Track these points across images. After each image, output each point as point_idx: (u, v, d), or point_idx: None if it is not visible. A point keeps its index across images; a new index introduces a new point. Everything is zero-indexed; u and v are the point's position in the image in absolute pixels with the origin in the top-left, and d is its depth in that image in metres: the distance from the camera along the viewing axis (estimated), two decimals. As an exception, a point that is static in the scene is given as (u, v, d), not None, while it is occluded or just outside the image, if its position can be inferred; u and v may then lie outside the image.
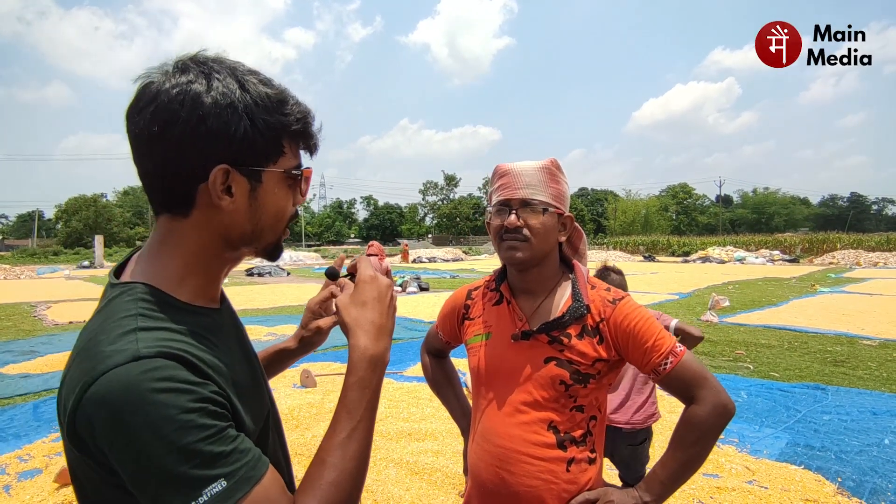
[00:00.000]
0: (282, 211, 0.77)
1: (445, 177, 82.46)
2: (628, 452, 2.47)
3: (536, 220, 1.18)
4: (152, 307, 0.68)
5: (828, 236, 40.53)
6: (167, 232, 0.73)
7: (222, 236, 0.74)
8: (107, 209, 52.86)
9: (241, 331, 0.86)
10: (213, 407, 0.64)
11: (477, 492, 1.24)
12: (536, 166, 1.21)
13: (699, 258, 34.60)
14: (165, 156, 0.68)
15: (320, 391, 5.07)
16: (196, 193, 0.70)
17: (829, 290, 14.82)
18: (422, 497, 3.01)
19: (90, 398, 0.61)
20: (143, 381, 0.60)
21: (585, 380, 1.16)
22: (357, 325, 0.79)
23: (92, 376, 0.61)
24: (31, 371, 6.10)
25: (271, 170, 0.73)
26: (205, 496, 0.60)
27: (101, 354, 0.63)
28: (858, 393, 5.07)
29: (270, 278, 20.22)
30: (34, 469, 3.45)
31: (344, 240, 73.56)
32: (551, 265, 1.25)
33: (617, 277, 2.67)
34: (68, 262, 35.93)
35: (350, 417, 0.72)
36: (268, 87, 0.73)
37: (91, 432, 0.61)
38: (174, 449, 0.59)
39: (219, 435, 0.62)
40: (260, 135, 0.70)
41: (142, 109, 0.68)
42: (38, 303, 12.93)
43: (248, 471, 0.64)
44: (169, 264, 0.73)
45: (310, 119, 0.77)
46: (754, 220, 72.94)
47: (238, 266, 0.88)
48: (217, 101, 0.67)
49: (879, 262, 29.36)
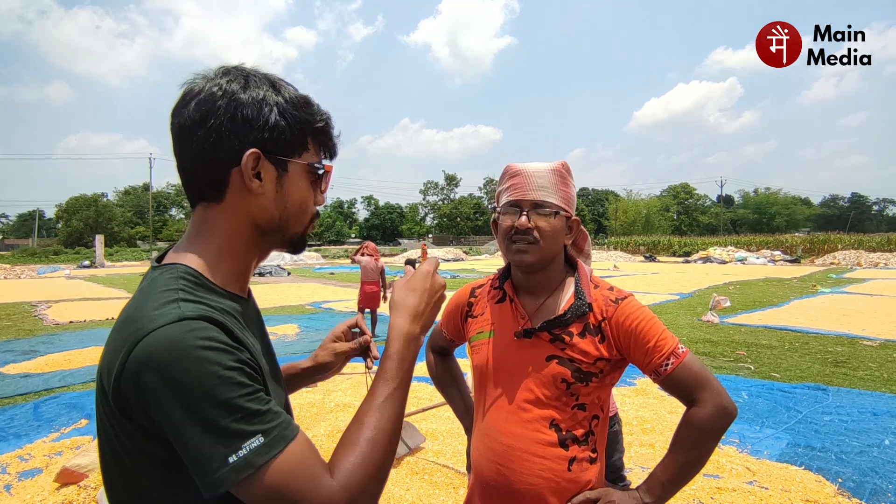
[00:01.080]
0: (305, 202, 0.83)
1: (446, 176, 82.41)
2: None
3: (546, 223, 1.18)
4: (191, 285, 0.73)
5: (829, 237, 40.50)
6: (202, 220, 0.79)
7: (253, 221, 0.79)
8: (107, 209, 52.87)
9: (263, 326, 0.90)
10: (249, 370, 0.68)
11: (479, 489, 1.24)
12: (548, 168, 1.20)
13: (700, 258, 34.61)
14: (205, 141, 0.75)
15: (321, 391, 5.07)
16: (229, 178, 0.76)
17: (830, 290, 14.81)
18: (422, 497, 3.01)
19: (138, 356, 0.64)
20: (189, 339, 0.64)
21: (587, 378, 1.16)
22: (401, 305, 0.89)
23: (139, 336, 0.65)
24: (31, 370, 6.10)
25: (296, 161, 0.80)
26: (244, 450, 0.64)
27: (146, 318, 0.67)
28: (859, 394, 5.06)
29: (271, 278, 20.24)
30: (34, 469, 3.46)
31: (345, 239, 73.53)
32: (557, 266, 1.26)
33: None
34: (69, 261, 35.99)
35: (387, 384, 0.79)
36: (297, 92, 0.82)
37: (138, 390, 0.65)
38: (218, 402, 0.63)
39: (256, 394, 0.67)
40: (289, 127, 0.78)
41: (186, 104, 0.76)
42: (39, 302, 12.95)
43: (283, 430, 0.68)
44: (205, 249, 0.78)
45: (331, 121, 0.85)
46: (755, 221, 72.84)
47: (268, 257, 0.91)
48: (252, 96, 0.76)
49: (880, 262, 29.35)
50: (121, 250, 44.14)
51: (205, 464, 0.63)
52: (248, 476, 0.64)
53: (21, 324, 9.64)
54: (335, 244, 62.77)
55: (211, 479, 0.63)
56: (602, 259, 36.15)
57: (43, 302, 13.02)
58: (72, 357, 6.55)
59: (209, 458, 0.63)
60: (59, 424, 4.34)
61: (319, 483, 0.68)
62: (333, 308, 11.53)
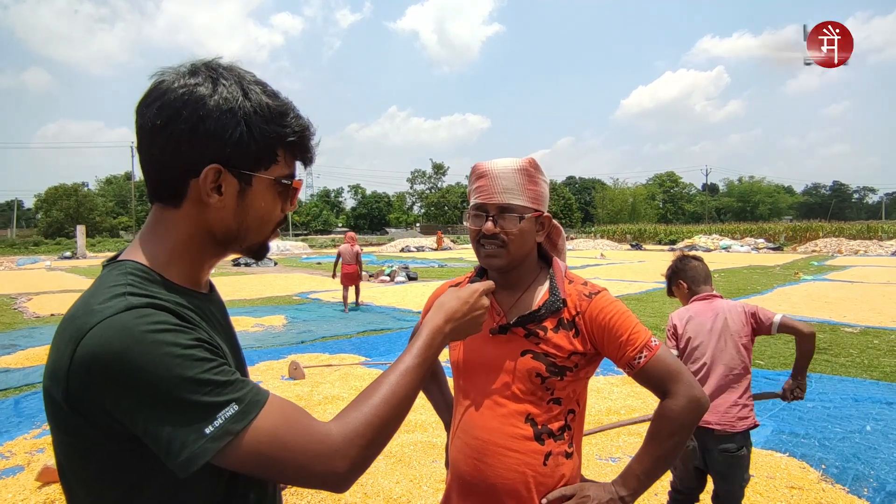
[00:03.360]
0: (268, 215, 0.81)
1: (433, 165, 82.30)
2: (723, 461, 2.20)
3: (513, 226, 1.18)
4: (140, 280, 0.71)
5: (811, 224, 41.24)
6: (158, 220, 0.77)
7: (209, 231, 0.78)
8: (88, 198, 52.00)
9: (228, 321, 0.89)
10: (209, 345, 0.68)
11: (456, 484, 1.25)
12: (514, 168, 1.18)
13: (686, 246, 34.92)
14: (164, 148, 0.72)
15: (309, 383, 5.04)
16: (188, 188, 0.74)
17: (812, 277, 15.07)
18: (412, 489, 3.01)
19: (86, 349, 0.62)
20: (140, 325, 0.63)
21: (562, 372, 1.17)
22: (441, 306, 0.95)
23: (84, 330, 0.63)
24: (11, 365, 5.98)
25: (262, 175, 0.77)
26: (220, 419, 0.63)
27: (90, 313, 0.65)
28: (841, 380, 5.16)
29: (258, 268, 20.04)
30: (16, 466, 3.39)
31: (331, 229, 72.99)
32: (530, 264, 1.27)
33: (698, 264, 2.57)
34: (49, 252, 35.32)
35: (412, 358, 0.83)
36: (270, 99, 0.77)
37: (92, 385, 0.62)
38: (183, 380, 0.62)
39: (220, 367, 0.66)
40: (254, 141, 0.74)
41: (150, 104, 0.73)
42: (19, 295, 12.68)
43: (255, 395, 0.68)
44: (157, 249, 0.76)
45: (307, 133, 0.81)
46: (739, 209, 73.84)
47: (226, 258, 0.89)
48: (219, 105, 0.72)
49: (860, 249, 29.90)
50: (103, 241, 43.42)
51: (180, 442, 0.61)
52: (230, 443, 0.63)
53: (0, 317, 9.44)
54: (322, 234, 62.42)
55: (188, 454, 0.61)
56: (589, 247, 36.36)
57: (23, 294, 12.75)
58: (53, 351, 6.43)
59: (185, 434, 0.62)
60: (41, 420, 4.25)
61: (311, 431, 0.68)
62: (321, 298, 11.44)
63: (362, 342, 7.09)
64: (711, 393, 2.24)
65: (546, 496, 1.16)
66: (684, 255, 2.67)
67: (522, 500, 1.16)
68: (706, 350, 2.31)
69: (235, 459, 0.64)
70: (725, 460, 2.21)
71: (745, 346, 2.32)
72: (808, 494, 2.94)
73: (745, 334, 2.33)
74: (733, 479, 2.24)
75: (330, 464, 0.68)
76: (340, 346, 6.82)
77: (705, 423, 2.20)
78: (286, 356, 6.11)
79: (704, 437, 2.23)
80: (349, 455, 0.69)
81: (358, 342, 7.10)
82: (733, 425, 2.20)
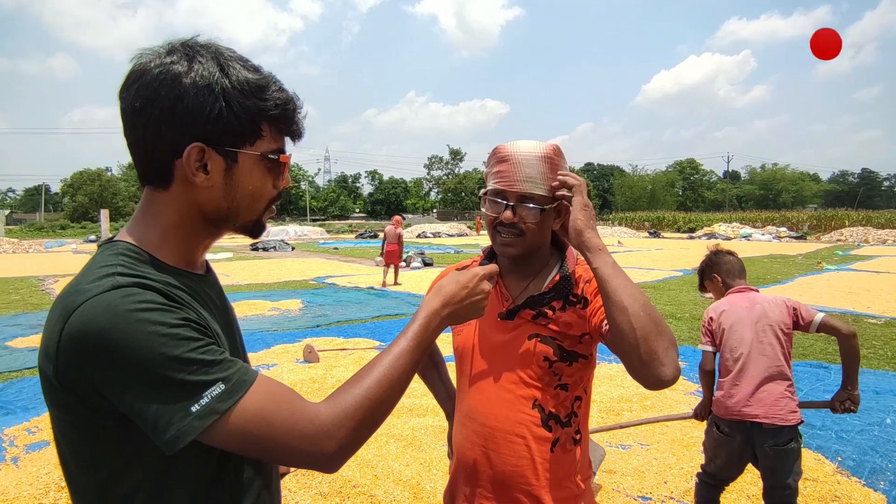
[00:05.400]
0: (258, 191, 0.80)
1: (451, 151, 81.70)
2: (773, 455, 2.14)
3: (533, 217, 1.15)
4: (131, 261, 0.71)
5: (836, 213, 40.17)
6: (149, 202, 0.78)
7: (199, 211, 0.77)
8: (111, 183, 52.88)
9: (225, 302, 0.89)
10: (197, 325, 0.68)
11: (463, 472, 1.24)
12: (537, 154, 1.14)
13: (705, 234, 34.40)
14: (146, 130, 0.72)
15: (323, 366, 5.11)
16: (174, 169, 0.74)
17: (835, 267, 14.72)
18: (422, 472, 3.05)
19: (73, 327, 0.63)
20: (125, 303, 0.63)
21: (571, 358, 1.16)
22: (440, 289, 0.94)
23: (72, 308, 0.64)
24: (38, 345, 6.15)
25: (247, 152, 0.76)
26: (206, 398, 0.64)
27: (79, 292, 0.66)
28: (862, 372, 4.98)
29: (276, 252, 20.30)
30: (42, 441, 3.51)
31: (349, 214, 73.41)
32: (543, 251, 1.25)
33: (732, 258, 2.51)
34: (75, 236, 36.21)
35: (407, 341, 0.83)
36: (250, 73, 0.75)
37: (80, 363, 0.63)
38: (168, 359, 0.62)
39: (208, 346, 0.66)
40: (235, 117, 0.73)
41: (129, 87, 0.73)
42: (46, 276, 13.06)
43: (243, 375, 0.68)
44: (149, 230, 0.77)
45: (291, 106, 0.79)
46: (761, 197, 72.11)
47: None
48: (195, 82, 0.71)
49: (888, 239, 29.06)
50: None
51: (166, 420, 0.62)
52: (215, 422, 0.64)
53: (29, 298, 9.73)
54: (339, 219, 62.78)
55: (174, 432, 0.62)
56: (606, 235, 35.96)
57: (50, 276, 13.12)
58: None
59: (170, 412, 0.62)
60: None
61: (299, 412, 0.68)
62: (337, 283, 11.56)
63: (377, 326, 7.15)
64: (755, 385, 2.16)
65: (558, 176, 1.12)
66: (718, 248, 2.60)
67: (530, 488, 1.15)
68: (743, 339, 2.24)
69: (221, 438, 0.65)
70: (776, 454, 2.14)
71: (787, 336, 2.24)
72: (822, 486, 2.91)
73: (785, 325, 2.25)
74: (784, 474, 2.15)
75: (317, 444, 0.68)
76: (355, 331, 6.89)
77: (752, 416, 2.13)
78: (301, 339, 6.20)
79: (752, 431, 2.15)
80: (337, 436, 0.69)
81: (373, 326, 7.16)
82: (784, 419, 2.12)
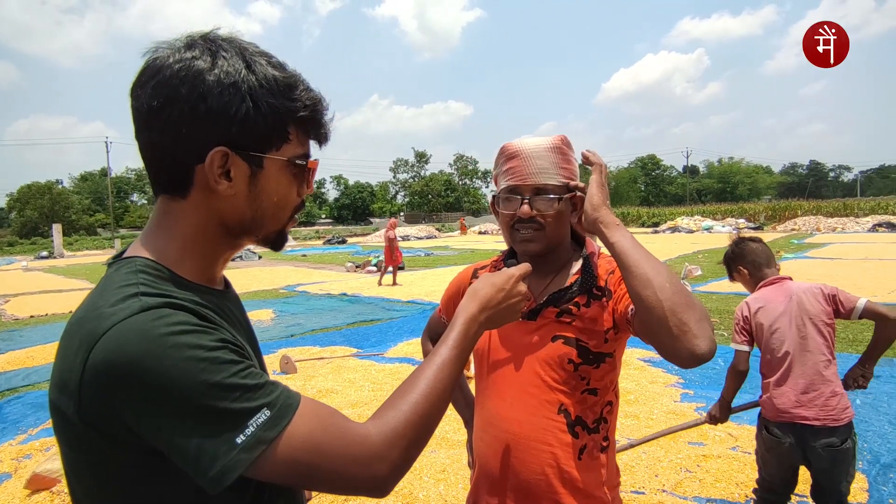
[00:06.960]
0: (284, 200, 0.74)
1: (416, 154, 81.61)
2: (828, 456, 2.01)
3: (550, 208, 1.11)
4: (152, 279, 0.65)
5: (789, 204, 41.96)
6: (164, 213, 0.71)
7: (221, 221, 0.71)
8: (63, 196, 50.62)
9: (246, 318, 0.83)
10: (234, 346, 0.62)
11: (485, 481, 1.18)
12: (547, 146, 1.12)
13: (668, 228, 35.35)
14: (164, 133, 0.66)
15: (301, 377, 4.97)
16: (194, 175, 0.68)
17: (793, 255, 15.34)
18: (413, 480, 2.98)
19: (99, 357, 0.56)
20: (158, 327, 0.57)
21: (598, 360, 1.11)
22: (475, 293, 0.90)
23: (96, 335, 0.57)
24: (-9, 369, 5.80)
25: (274, 157, 0.70)
26: (251, 427, 0.58)
27: (101, 317, 0.58)
28: (828, 355, 5.24)
29: (242, 262, 19.77)
30: (3, 474, 3.29)
31: (315, 220, 72.28)
32: (563, 247, 1.20)
33: (757, 246, 2.38)
34: (25, 252, 34.46)
35: (448, 350, 0.79)
36: (277, 71, 0.70)
37: (109, 397, 0.56)
38: (209, 386, 0.56)
39: (248, 369, 0.61)
40: (263, 118, 0.67)
41: (144, 84, 0.66)
42: (-4, 297, 12.34)
43: (287, 399, 0.62)
44: (166, 244, 0.70)
45: (320, 107, 0.74)
46: (720, 190, 74.77)
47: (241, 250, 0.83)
48: (220, 80, 0.65)
49: (837, 227, 30.53)
50: (81, 239, 42.46)
51: (210, 455, 0.56)
52: (263, 452, 0.58)
53: (-23, 320, 9.17)
54: (306, 226, 61.70)
55: (220, 468, 0.56)
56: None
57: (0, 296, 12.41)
58: (35, 353, 6.24)
59: (214, 446, 0.56)
60: (26, 426, 4.13)
61: (348, 434, 0.64)
62: (308, 291, 11.33)
63: (353, 333, 7.03)
64: (803, 385, 2.05)
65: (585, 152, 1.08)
66: (741, 237, 2.46)
67: (557, 496, 1.10)
68: (784, 338, 2.13)
69: (270, 469, 0.59)
70: (830, 455, 2.01)
71: (829, 328, 2.14)
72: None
73: (826, 315, 2.14)
74: (839, 476, 2.05)
75: (370, 468, 0.63)
76: (331, 339, 6.75)
77: (802, 418, 2.02)
78: (276, 350, 6.02)
79: (803, 433, 2.04)
80: (390, 457, 0.64)
81: (348, 333, 7.03)
82: (836, 419, 2.01)
